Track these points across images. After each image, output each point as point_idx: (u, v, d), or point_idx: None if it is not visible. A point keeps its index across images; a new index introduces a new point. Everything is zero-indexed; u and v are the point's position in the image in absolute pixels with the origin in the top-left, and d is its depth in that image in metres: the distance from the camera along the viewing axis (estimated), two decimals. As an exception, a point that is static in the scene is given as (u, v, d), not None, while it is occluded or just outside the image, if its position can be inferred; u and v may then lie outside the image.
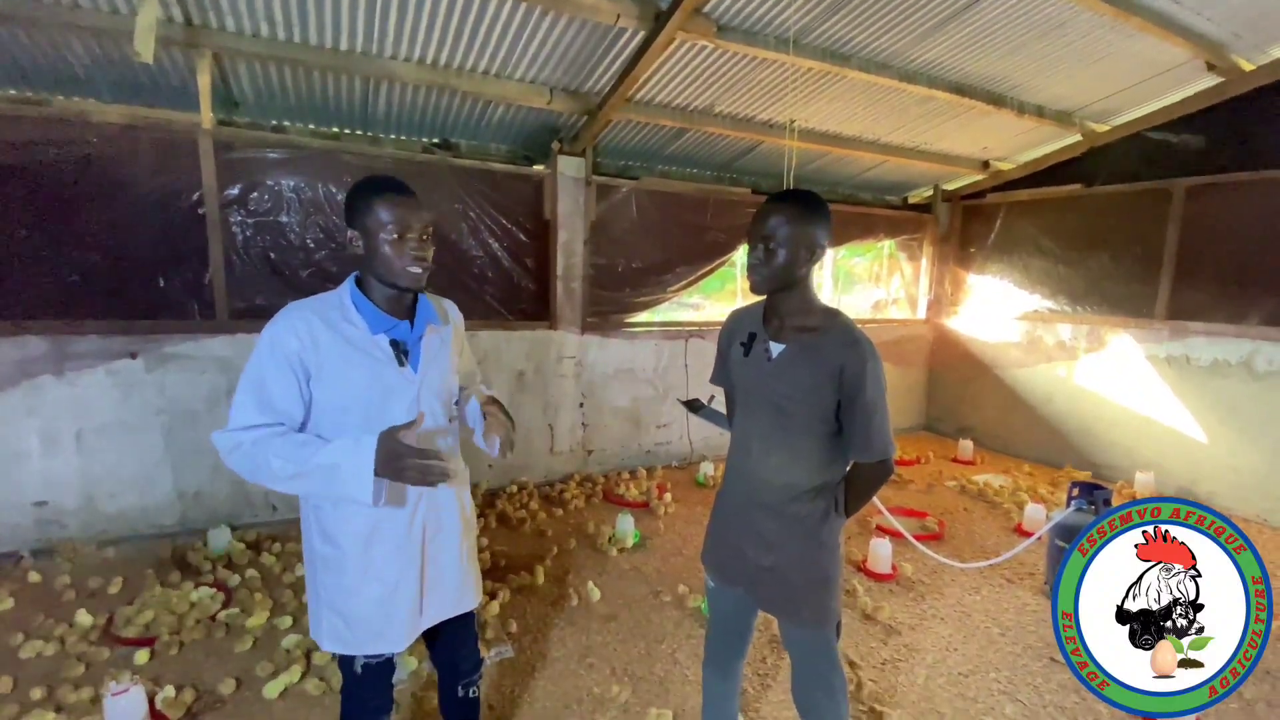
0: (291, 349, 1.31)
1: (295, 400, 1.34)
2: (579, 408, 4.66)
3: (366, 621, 1.43)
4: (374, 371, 1.38)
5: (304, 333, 1.33)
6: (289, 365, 1.32)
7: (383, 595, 1.43)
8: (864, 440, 1.44)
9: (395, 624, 1.45)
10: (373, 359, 1.38)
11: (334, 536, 1.41)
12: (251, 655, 2.44)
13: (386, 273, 1.36)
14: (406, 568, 1.45)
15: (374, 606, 1.42)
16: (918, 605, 3.02)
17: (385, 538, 1.42)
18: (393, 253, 1.34)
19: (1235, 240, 4.31)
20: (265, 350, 1.32)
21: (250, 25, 3.05)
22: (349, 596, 1.42)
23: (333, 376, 1.35)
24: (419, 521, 1.45)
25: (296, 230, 3.70)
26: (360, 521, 1.40)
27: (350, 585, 1.41)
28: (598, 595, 2.98)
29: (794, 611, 1.54)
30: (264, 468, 1.28)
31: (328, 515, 1.41)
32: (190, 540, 3.35)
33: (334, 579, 1.42)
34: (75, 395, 3.22)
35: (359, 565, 1.41)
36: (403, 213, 1.34)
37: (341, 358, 1.35)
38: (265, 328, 1.34)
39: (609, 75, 3.74)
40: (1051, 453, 5.32)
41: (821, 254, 1.46)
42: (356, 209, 1.36)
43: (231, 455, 1.31)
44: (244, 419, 1.32)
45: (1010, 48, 3.74)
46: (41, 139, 3.10)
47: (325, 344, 1.34)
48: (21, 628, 2.54)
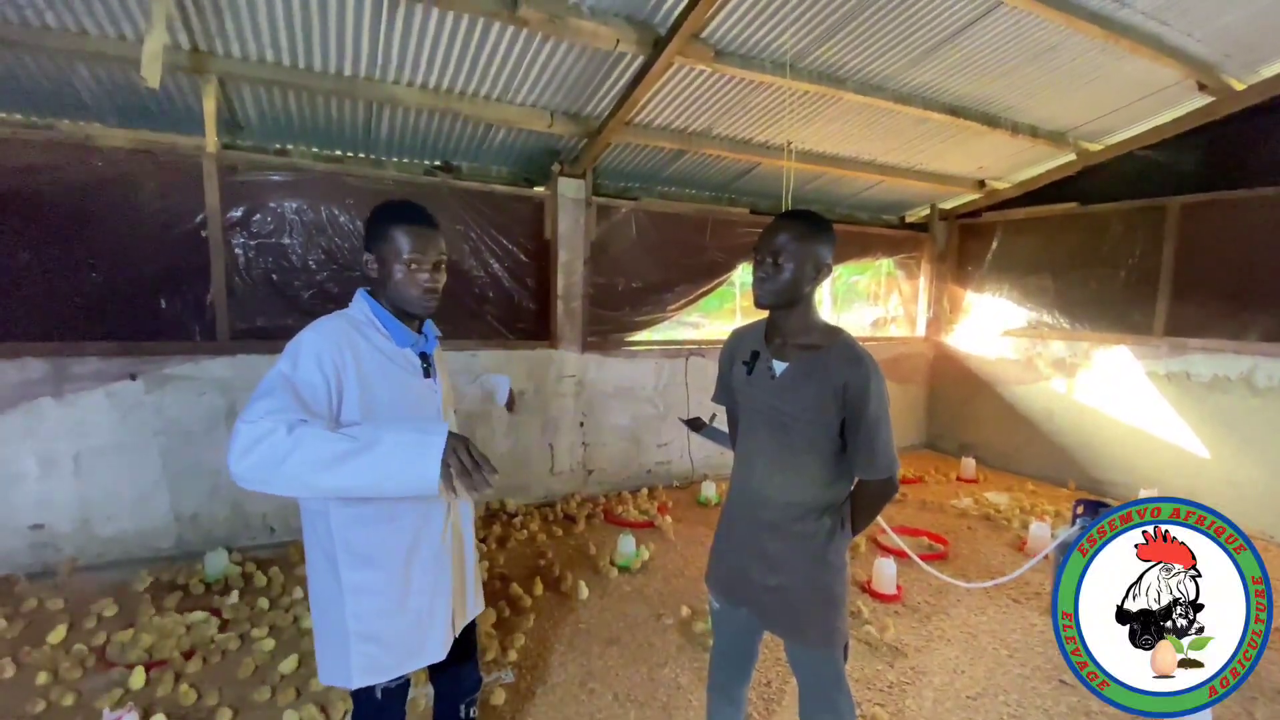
0: (329, 358, 1.27)
1: (324, 404, 1.25)
2: (579, 427, 4.65)
3: (405, 641, 1.41)
4: (405, 383, 1.42)
5: (345, 344, 1.32)
6: (323, 372, 1.26)
7: (423, 609, 1.43)
8: (869, 457, 1.44)
9: (434, 634, 1.46)
10: (403, 370, 1.42)
11: (372, 558, 1.36)
12: (250, 681, 2.40)
13: (398, 298, 1.40)
14: (441, 576, 1.46)
15: (413, 624, 1.41)
16: (924, 626, 2.98)
17: (423, 552, 1.42)
18: (406, 281, 1.37)
19: (1232, 257, 4.34)
20: (308, 358, 1.26)
21: (256, 51, 3.10)
22: (389, 619, 1.39)
23: (372, 386, 1.34)
24: (450, 531, 1.48)
25: (299, 252, 3.72)
26: (400, 538, 1.39)
27: (391, 607, 1.39)
28: (585, 593, 3.09)
29: (801, 633, 1.52)
30: (299, 451, 1.07)
31: (359, 538, 1.34)
32: (187, 563, 3.32)
33: (372, 603, 1.36)
34: (74, 417, 3.20)
35: (400, 583, 1.39)
36: (420, 242, 1.36)
37: (379, 368, 1.37)
38: (300, 336, 1.29)
39: (609, 99, 3.79)
40: (1054, 470, 5.29)
41: (827, 272, 1.49)
42: (375, 234, 1.37)
43: (258, 446, 1.08)
44: (279, 404, 1.15)
45: (1003, 70, 3.80)
46: (46, 163, 3.13)
47: (365, 354, 1.36)
48: (13, 653, 2.49)
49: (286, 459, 1.07)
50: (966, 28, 3.35)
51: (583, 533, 4.00)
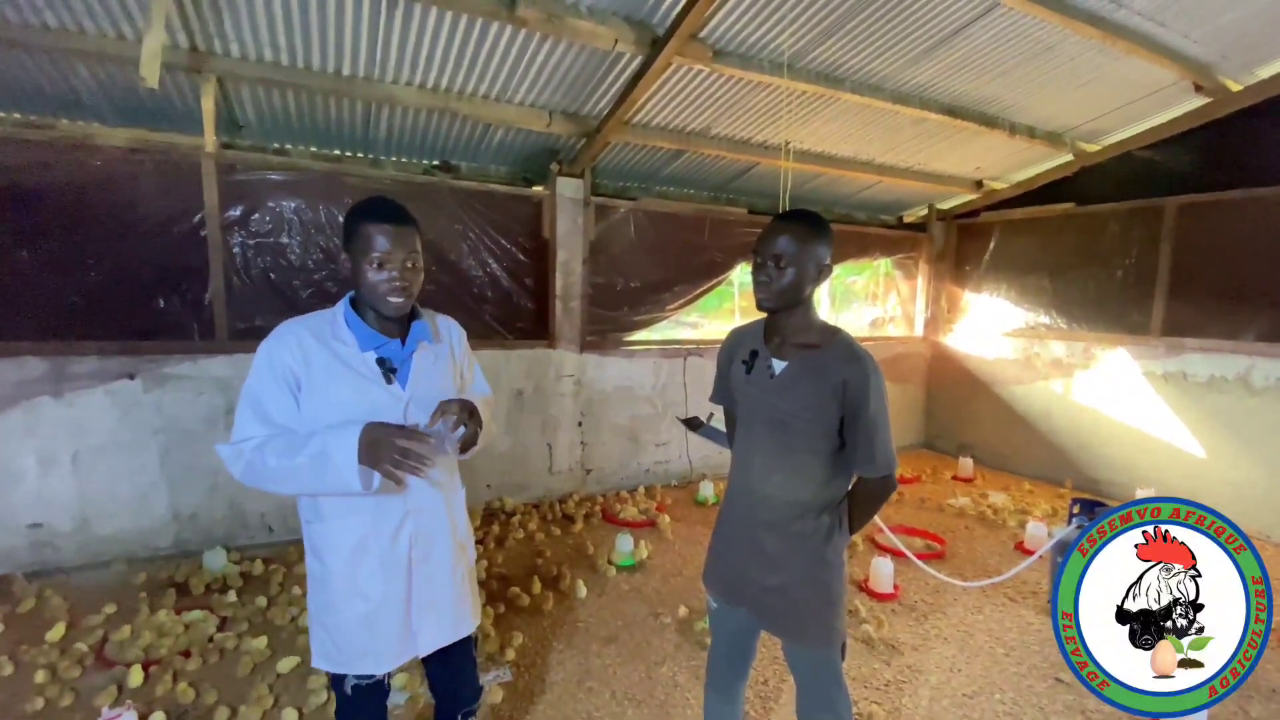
0: (284, 363, 1.35)
1: (291, 413, 1.36)
2: (578, 426, 4.65)
3: (352, 639, 1.42)
4: (360, 388, 1.39)
5: (295, 347, 1.36)
6: (282, 379, 1.35)
7: (367, 613, 1.42)
8: (868, 455, 1.45)
9: (381, 643, 1.44)
10: (359, 376, 1.39)
11: (320, 552, 1.43)
12: (248, 680, 2.40)
13: (368, 296, 1.37)
14: (392, 585, 1.43)
15: (359, 623, 1.42)
16: (920, 625, 2.99)
17: (370, 554, 1.41)
18: (374, 279, 1.34)
19: (1228, 257, 4.35)
20: (262, 365, 1.36)
21: (254, 51, 3.11)
22: (334, 613, 1.42)
23: (320, 391, 1.36)
24: (405, 539, 1.44)
25: (297, 251, 3.72)
26: (346, 536, 1.40)
27: (335, 601, 1.42)
28: (584, 592, 3.09)
29: (799, 631, 1.53)
30: (263, 469, 1.30)
31: (316, 531, 1.43)
32: (186, 562, 3.32)
33: (321, 594, 1.45)
34: (73, 416, 3.20)
35: (344, 581, 1.41)
36: (385, 240, 1.33)
37: (329, 373, 1.37)
38: (262, 343, 1.38)
39: (607, 99, 3.80)
40: (1051, 469, 5.31)
41: (827, 273, 1.49)
42: (347, 232, 1.37)
43: (235, 465, 1.34)
44: (244, 431, 1.35)
45: (1001, 71, 3.81)
46: (45, 162, 3.13)
47: (315, 358, 1.36)
48: (11, 652, 2.49)
49: (256, 478, 1.32)
50: (964, 28, 3.35)
51: (581, 532, 4.01)
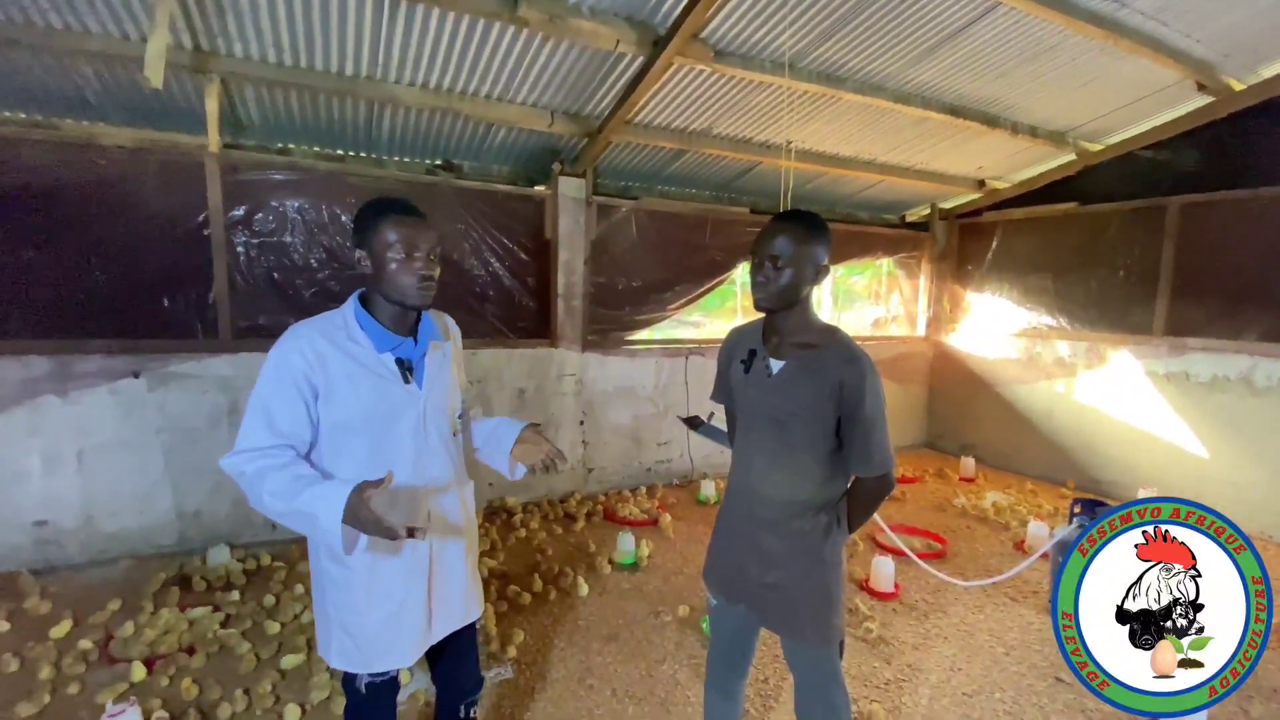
0: (298, 369, 1.32)
1: (302, 422, 1.34)
2: (579, 425, 4.67)
3: (374, 639, 1.42)
4: (381, 389, 1.39)
5: (309, 352, 1.33)
6: (295, 386, 1.32)
7: (391, 613, 1.43)
8: (864, 454, 1.45)
9: (403, 640, 1.45)
10: (379, 377, 1.39)
11: (341, 556, 1.39)
12: (251, 676, 2.42)
13: (394, 292, 1.37)
14: (414, 585, 1.45)
15: (382, 625, 1.42)
16: (921, 624, 2.99)
17: (392, 557, 1.42)
18: (400, 272, 1.35)
19: (1231, 257, 4.34)
20: (271, 372, 1.33)
21: (258, 51, 3.12)
22: (357, 615, 1.41)
23: (340, 395, 1.35)
24: (427, 539, 1.45)
25: (301, 250, 3.74)
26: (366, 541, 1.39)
27: (358, 604, 1.41)
28: (585, 591, 3.12)
29: (797, 629, 1.54)
30: (260, 500, 1.29)
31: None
32: (189, 559, 3.34)
33: (342, 596, 1.42)
34: (78, 414, 3.23)
35: (366, 584, 1.41)
36: (410, 232, 1.35)
37: (348, 376, 1.35)
38: (272, 349, 1.35)
39: (609, 99, 3.80)
40: (1053, 469, 5.30)
41: (825, 273, 1.49)
42: (364, 229, 1.37)
43: (238, 481, 1.33)
44: (251, 441, 1.32)
45: (1003, 70, 3.80)
46: (50, 161, 3.15)
47: (332, 363, 1.34)
48: (17, 648, 2.51)
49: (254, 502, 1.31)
50: (966, 28, 3.35)
51: (582, 531, 4.02)
